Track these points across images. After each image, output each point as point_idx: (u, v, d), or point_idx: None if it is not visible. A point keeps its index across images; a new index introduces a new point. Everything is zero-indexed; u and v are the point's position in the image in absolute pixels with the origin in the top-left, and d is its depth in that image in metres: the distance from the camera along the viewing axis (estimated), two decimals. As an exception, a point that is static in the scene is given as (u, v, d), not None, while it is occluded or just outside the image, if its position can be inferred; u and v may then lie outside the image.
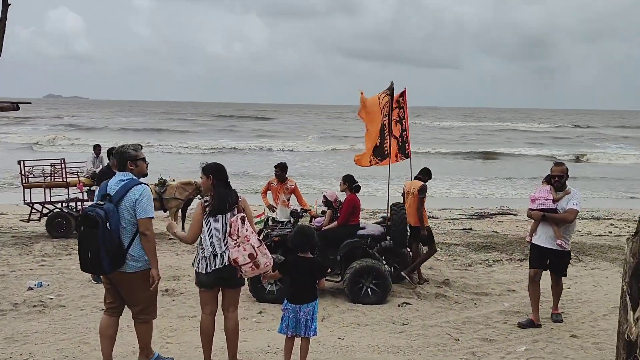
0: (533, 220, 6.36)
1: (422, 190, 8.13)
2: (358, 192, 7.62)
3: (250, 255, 4.21)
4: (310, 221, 8.35)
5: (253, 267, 4.24)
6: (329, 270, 7.13)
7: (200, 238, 4.49)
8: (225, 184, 4.51)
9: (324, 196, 7.75)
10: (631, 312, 2.84)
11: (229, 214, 4.40)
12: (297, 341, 4.59)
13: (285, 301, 4.50)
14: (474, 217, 15.72)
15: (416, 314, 6.72)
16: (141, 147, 4.79)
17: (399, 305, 7.05)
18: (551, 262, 6.32)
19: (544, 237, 6.22)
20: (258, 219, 7.69)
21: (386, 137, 7.87)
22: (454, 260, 10.06)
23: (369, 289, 7.13)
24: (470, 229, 13.53)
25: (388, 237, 7.74)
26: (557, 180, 6.13)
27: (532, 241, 6.37)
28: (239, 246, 4.22)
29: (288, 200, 8.84)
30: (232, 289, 4.59)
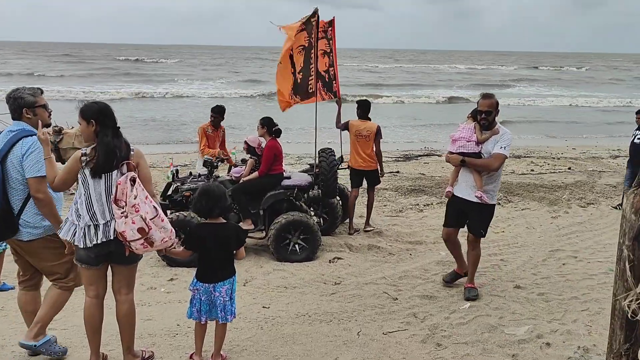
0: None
1: (379, 132, 7.51)
2: (279, 136, 6.74)
3: (141, 230, 3.23)
4: (229, 171, 7.38)
5: (145, 244, 3.29)
6: (251, 229, 6.37)
7: (74, 201, 3.46)
8: (114, 132, 3.46)
9: (246, 142, 6.81)
10: (633, 283, 2.23)
11: (115, 172, 3.38)
12: (211, 324, 3.76)
13: (195, 280, 3.58)
14: (399, 159, 15.33)
15: (349, 270, 6.10)
16: (41, 91, 3.87)
17: (329, 261, 6.40)
18: (469, 219, 5.21)
19: (464, 187, 5.12)
20: (167, 173, 6.64)
21: (311, 73, 6.88)
22: (384, 206, 9.55)
23: (296, 245, 6.41)
24: (398, 171, 13.09)
25: (316, 187, 7.00)
26: (485, 117, 4.94)
27: (453, 192, 5.27)
28: (126, 217, 3.25)
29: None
30: (123, 266, 3.57)
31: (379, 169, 7.69)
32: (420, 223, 8.27)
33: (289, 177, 6.76)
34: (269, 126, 6.63)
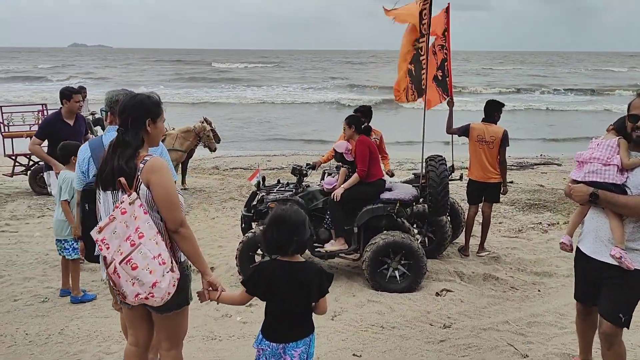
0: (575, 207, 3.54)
1: (506, 138, 6.31)
2: (368, 134, 5.74)
3: (111, 274, 2.46)
4: (323, 178, 6.45)
5: (147, 296, 2.45)
6: (344, 249, 5.42)
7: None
8: (135, 133, 2.61)
9: (333, 149, 5.88)
10: None
11: (120, 191, 2.57)
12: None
13: (260, 336, 2.65)
14: (512, 167, 13.67)
15: (461, 308, 4.94)
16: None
17: (436, 294, 5.27)
18: (602, 294, 3.28)
19: (592, 240, 3.29)
20: (253, 180, 5.87)
21: (423, 66, 5.73)
22: (500, 223, 8.21)
23: (396, 272, 5.36)
24: (512, 182, 11.53)
25: (422, 200, 5.92)
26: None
27: (578, 245, 3.45)
28: (105, 260, 2.49)
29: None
30: (156, 313, 2.74)
31: (502, 182, 6.43)
32: (546, 248, 6.87)
33: (389, 189, 5.73)
34: (357, 125, 5.66)
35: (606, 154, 3.18)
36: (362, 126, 5.74)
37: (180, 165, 10.28)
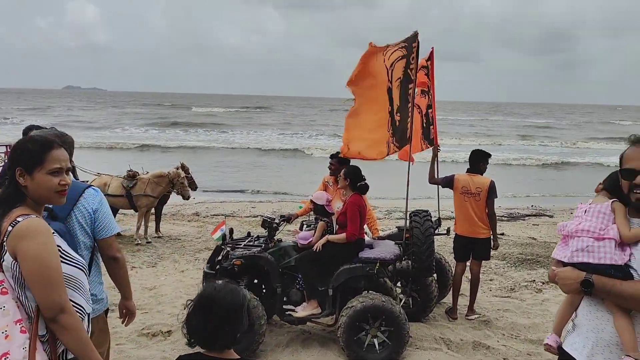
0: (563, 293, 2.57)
1: (494, 189, 5.88)
2: (364, 193, 5.24)
3: None
4: (301, 229, 5.91)
5: None
6: (316, 313, 4.87)
7: None
8: (8, 184, 2.10)
9: (311, 201, 5.38)
10: None
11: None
12: None
13: None
14: (503, 218, 13.22)
15: (448, 385, 4.35)
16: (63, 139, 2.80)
17: (420, 366, 4.68)
18: None
19: (591, 345, 2.37)
20: (216, 233, 5.34)
21: (409, 114, 5.27)
22: (490, 280, 7.68)
23: (375, 340, 4.77)
24: (502, 234, 11.04)
25: (405, 257, 5.39)
26: None
27: (564, 347, 2.51)
28: None
29: None
30: None
31: (491, 237, 5.95)
32: (541, 310, 6.31)
33: (370, 246, 5.21)
34: (353, 178, 5.15)
35: (598, 224, 2.36)
36: (359, 184, 5.18)
37: (150, 212, 9.74)
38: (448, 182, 5.98)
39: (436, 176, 6.12)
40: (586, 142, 37.56)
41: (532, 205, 15.56)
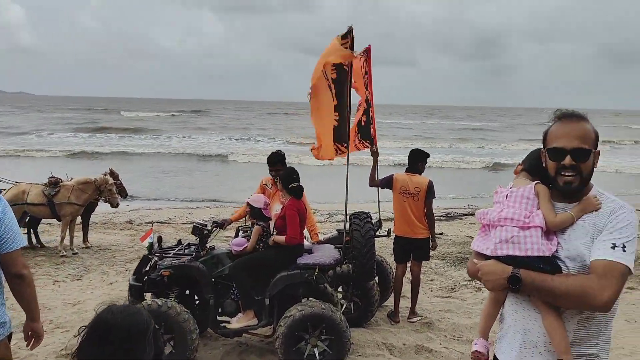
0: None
1: (432, 189, 5.82)
2: (300, 197, 5.01)
3: None
4: (237, 235, 5.57)
5: None
6: (253, 324, 4.59)
7: None
8: None
9: (248, 204, 5.09)
10: None
11: None
12: None
13: None
14: (441, 218, 13.39)
15: (391, 393, 4.18)
16: None
17: (363, 375, 4.49)
18: None
19: (518, 348, 2.12)
20: (145, 241, 4.95)
21: (345, 111, 5.03)
22: (431, 280, 7.66)
23: (315, 349, 4.53)
24: (441, 233, 11.14)
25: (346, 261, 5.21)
26: (572, 170, 2.03)
27: (495, 353, 2.27)
28: None
29: None
30: None
31: (430, 237, 5.88)
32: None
33: (308, 251, 4.99)
34: (284, 181, 4.90)
35: (522, 211, 2.08)
36: (290, 185, 4.90)
37: (76, 221, 9.12)
38: (387, 182, 5.86)
39: (376, 178, 5.99)
40: (518, 143, 39.01)
41: (468, 205, 15.87)
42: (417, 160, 5.88)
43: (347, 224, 5.13)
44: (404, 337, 5.35)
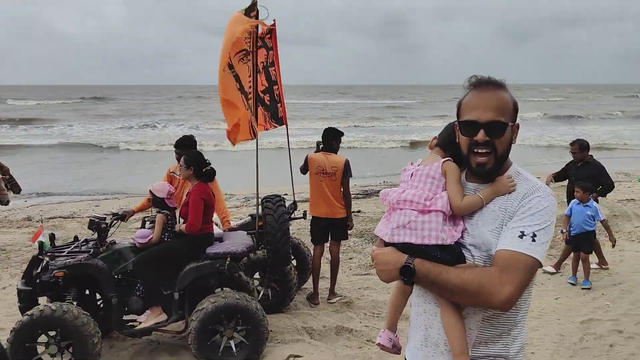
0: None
1: (349, 168, 5.69)
2: (212, 179, 4.73)
3: None
4: (143, 226, 5.18)
5: None
6: (161, 321, 4.29)
7: None
8: None
9: (150, 192, 4.72)
10: None
11: None
12: None
13: None
14: (358, 195, 13.48)
15: (312, 379, 4.06)
16: None
17: (283, 363, 4.33)
18: None
19: (420, 344, 1.87)
20: (38, 240, 4.46)
21: (249, 90, 4.77)
22: (350, 259, 7.63)
23: (231, 341, 4.31)
24: (359, 211, 11.20)
25: (261, 247, 5.00)
26: (486, 145, 1.76)
27: (406, 351, 1.98)
28: None
29: None
30: None
31: (348, 217, 5.80)
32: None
33: (219, 239, 4.72)
34: (196, 165, 4.58)
35: (425, 192, 1.82)
36: (204, 169, 4.61)
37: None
38: (305, 164, 5.73)
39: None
40: (433, 120, 40.18)
41: (384, 182, 16.13)
42: (332, 138, 5.75)
43: (259, 209, 4.91)
44: (324, 319, 5.25)
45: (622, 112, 44.44)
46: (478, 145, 1.76)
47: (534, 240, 1.65)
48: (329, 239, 5.87)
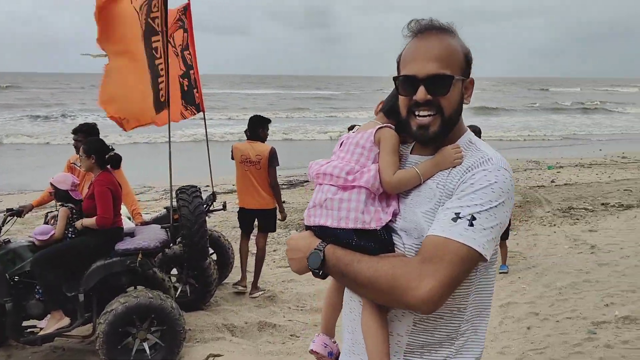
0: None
1: (275, 156, 5.52)
2: (117, 166, 4.38)
3: None
4: (46, 221, 4.71)
5: None
6: (64, 326, 3.91)
7: None
8: None
9: (51, 184, 4.29)
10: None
11: None
12: None
13: None
14: (283, 186, 13.32)
15: (233, 379, 3.85)
16: None
17: (202, 364, 4.09)
18: None
19: (347, 350, 1.57)
20: None
21: (161, 72, 4.44)
22: (274, 251, 7.48)
23: (145, 344, 4.01)
24: (284, 201, 11.02)
25: (178, 241, 4.71)
26: (427, 105, 1.42)
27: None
28: None
29: None
30: None
31: (277, 208, 5.65)
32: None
33: (130, 234, 4.37)
34: (98, 154, 4.19)
35: (348, 165, 1.50)
36: (107, 155, 4.24)
37: None
38: (232, 154, 5.56)
39: None
40: (360, 111, 40.43)
41: (305, 173, 16.05)
42: (258, 126, 5.57)
43: (174, 200, 4.61)
44: (246, 314, 5.05)
45: (532, 105, 47.08)
46: (419, 106, 1.43)
47: (471, 224, 1.31)
48: (258, 230, 5.71)
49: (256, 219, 5.68)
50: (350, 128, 1.89)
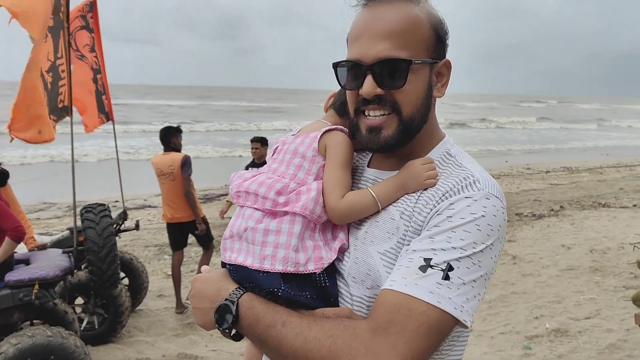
0: None
1: (186, 164, 5.24)
2: (3, 184, 3.80)
3: None
4: None
5: None
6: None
7: None
8: None
9: None
10: None
11: None
12: None
13: None
14: (199, 199, 12.73)
15: None
16: None
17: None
18: None
19: None
20: None
21: (62, 75, 3.84)
22: (191, 271, 6.94)
23: (43, 391, 3.43)
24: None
25: (83, 267, 4.16)
26: (377, 100, 1.04)
27: None
28: None
29: None
30: None
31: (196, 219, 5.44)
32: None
33: (25, 261, 3.78)
34: None
35: (282, 180, 1.10)
36: None
37: None
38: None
39: None
40: (278, 122, 40.11)
41: (226, 185, 15.54)
42: (170, 136, 5.37)
43: (77, 221, 4.06)
44: (162, 346, 4.55)
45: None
46: (367, 104, 1.05)
47: (446, 277, 0.92)
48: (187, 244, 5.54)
49: (187, 233, 5.54)
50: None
